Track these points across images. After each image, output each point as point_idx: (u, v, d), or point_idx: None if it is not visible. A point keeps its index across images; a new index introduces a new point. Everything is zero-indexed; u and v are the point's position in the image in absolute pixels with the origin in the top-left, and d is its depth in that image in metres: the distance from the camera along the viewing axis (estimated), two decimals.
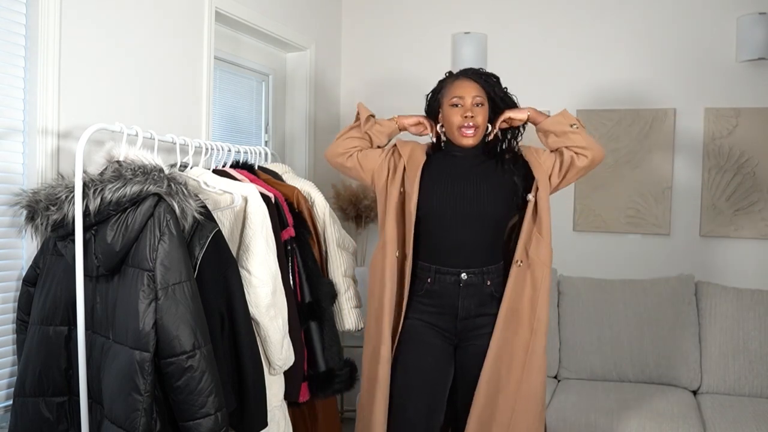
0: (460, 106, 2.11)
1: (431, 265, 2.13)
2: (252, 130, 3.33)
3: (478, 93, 2.11)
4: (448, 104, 2.13)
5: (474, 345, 2.11)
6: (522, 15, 3.60)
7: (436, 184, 2.14)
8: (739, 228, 3.28)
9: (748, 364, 2.94)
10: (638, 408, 2.71)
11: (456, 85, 2.14)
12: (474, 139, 2.12)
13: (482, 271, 2.10)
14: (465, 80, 2.14)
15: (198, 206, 1.75)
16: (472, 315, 2.10)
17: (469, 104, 2.10)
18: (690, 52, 3.35)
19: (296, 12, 3.39)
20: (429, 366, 2.10)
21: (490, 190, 2.12)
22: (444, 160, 2.19)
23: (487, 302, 2.11)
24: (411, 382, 2.09)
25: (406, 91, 3.77)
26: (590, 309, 3.16)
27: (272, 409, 2.04)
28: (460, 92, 2.11)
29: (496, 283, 2.12)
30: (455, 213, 2.10)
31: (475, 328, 2.11)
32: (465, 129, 2.10)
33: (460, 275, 2.09)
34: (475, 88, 2.12)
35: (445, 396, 2.12)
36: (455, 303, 2.10)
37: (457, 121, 2.11)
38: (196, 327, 1.65)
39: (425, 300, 2.14)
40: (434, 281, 2.12)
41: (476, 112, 2.10)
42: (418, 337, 2.12)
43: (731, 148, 3.28)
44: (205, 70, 2.65)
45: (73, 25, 2.04)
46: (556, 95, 3.52)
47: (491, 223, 2.12)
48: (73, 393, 1.80)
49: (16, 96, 1.94)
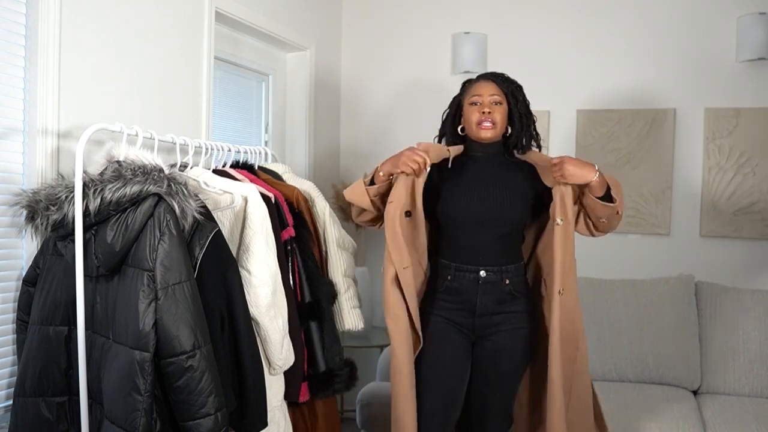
0: (478, 104, 2.16)
1: (451, 262, 2.16)
2: (252, 130, 3.33)
3: (496, 92, 2.17)
4: (468, 104, 2.19)
5: (491, 341, 2.14)
6: (522, 15, 3.60)
7: (455, 185, 2.18)
8: (739, 228, 3.28)
9: (748, 364, 2.94)
10: (638, 408, 2.71)
11: (476, 86, 2.20)
12: (492, 132, 2.15)
13: (501, 270, 2.13)
14: (484, 81, 2.20)
15: (198, 206, 1.75)
16: (490, 312, 2.13)
17: (487, 102, 2.15)
18: (690, 52, 3.35)
19: (296, 12, 3.39)
20: (447, 360, 2.14)
21: (509, 193, 2.15)
22: (465, 163, 2.22)
23: (506, 300, 2.14)
24: (429, 376, 2.13)
25: (406, 91, 3.77)
26: (590, 309, 3.15)
27: (272, 409, 2.04)
28: (479, 91, 2.17)
29: (514, 282, 2.15)
30: (475, 215, 2.13)
31: (493, 325, 2.14)
32: (483, 122, 2.14)
33: (479, 272, 2.12)
34: (493, 87, 2.17)
35: (462, 391, 2.16)
36: (473, 300, 2.13)
37: (475, 118, 2.16)
38: (196, 327, 1.65)
39: (445, 297, 2.17)
40: (454, 278, 2.15)
41: (494, 109, 2.15)
42: (436, 332, 2.15)
43: (731, 148, 3.28)
44: (205, 70, 2.65)
45: (73, 25, 2.04)
46: (556, 95, 3.52)
47: (508, 226, 2.15)
48: (73, 393, 1.80)
49: (16, 96, 1.94)
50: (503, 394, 2.17)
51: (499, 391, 2.16)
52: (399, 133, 3.77)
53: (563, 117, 3.53)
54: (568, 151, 3.52)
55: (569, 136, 3.54)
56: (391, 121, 3.82)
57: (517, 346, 2.14)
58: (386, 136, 3.83)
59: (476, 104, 2.16)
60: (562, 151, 3.52)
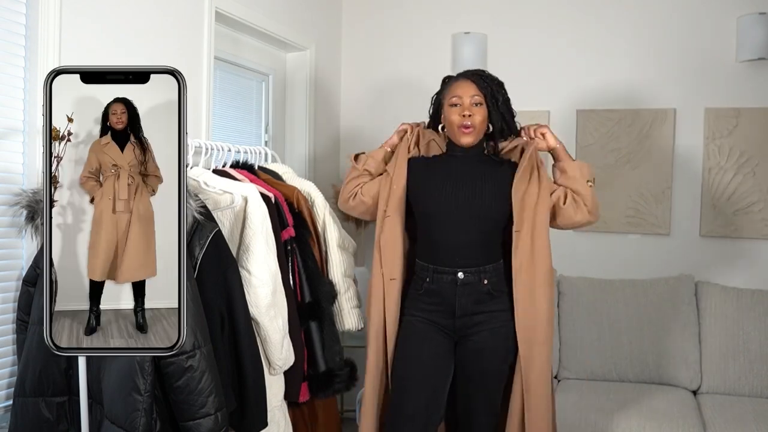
0: (458, 105, 2.15)
1: (429, 264, 2.15)
2: (252, 130, 3.33)
3: (477, 93, 2.15)
4: (448, 104, 2.18)
5: (472, 341, 2.13)
6: (522, 15, 3.60)
7: (435, 184, 2.17)
8: (739, 228, 3.28)
9: (748, 364, 2.94)
10: (638, 408, 2.71)
11: (456, 85, 2.18)
12: (472, 137, 2.15)
13: (479, 270, 2.12)
14: (464, 81, 2.18)
15: (198, 206, 1.75)
16: (470, 312, 2.13)
17: (468, 104, 2.14)
18: (690, 52, 3.35)
19: (296, 12, 3.39)
20: (428, 359, 2.13)
21: (489, 191, 2.14)
22: (444, 161, 2.24)
23: (485, 300, 2.13)
24: (411, 374, 2.12)
25: (406, 91, 3.77)
26: (590, 309, 3.16)
27: (272, 409, 2.04)
28: (459, 92, 2.15)
29: (493, 281, 2.14)
30: (453, 214, 2.13)
31: (474, 325, 2.13)
32: (462, 128, 2.13)
33: (457, 275, 2.12)
34: (473, 88, 2.15)
35: (445, 392, 2.14)
36: (452, 301, 2.13)
37: (456, 120, 2.15)
38: (196, 327, 1.65)
39: (425, 298, 2.16)
40: (432, 280, 2.14)
41: (474, 111, 2.13)
42: (417, 333, 2.15)
43: (731, 148, 3.28)
44: (205, 70, 2.65)
45: (73, 25, 2.04)
46: (556, 95, 3.52)
47: (489, 223, 2.15)
48: (73, 393, 1.80)
49: (16, 96, 1.94)
50: (488, 393, 2.16)
51: (483, 390, 2.15)
52: None
53: (563, 117, 3.53)
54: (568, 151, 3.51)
55: (569, 136, 3.53)
56: (391, 121, 3.80)
57: (498, 345, 2.13)
58: (386, 136, 3.79)
59: (456, 105, 2.15)
60: None
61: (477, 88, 2.15)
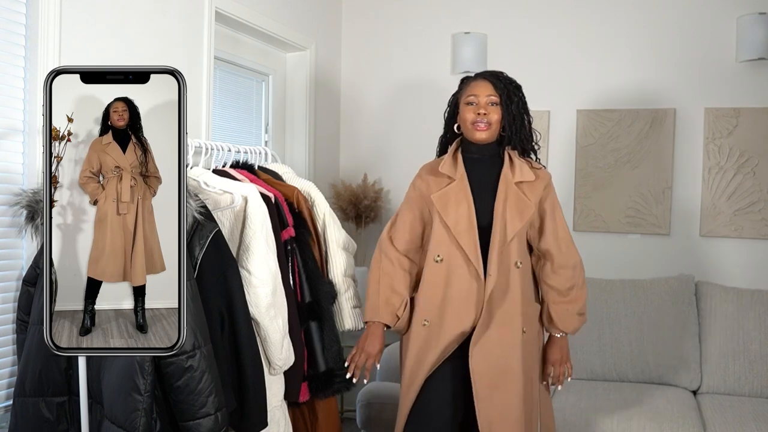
0: (474, 104, 2.15)
1: None
2: (252, 130, 3.34)
3: (493, 93, 2.14)
4: (464, 103, 2.18)
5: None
6: (522, 15, 3.60)
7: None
8: (739, 228, 3.28)
9: (748, 364, 2.94)
10: (638, 408, 2.71)
11: (472, 85, 2.19)
12: (487, 133, 2.14)
13: None
14: (481, 80, 2.18)
15: (198, 206, 1.75)
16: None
17: (483, 102, 2.14)
18: (690, 52, 3.35)
19: (296, 12, 3.39)
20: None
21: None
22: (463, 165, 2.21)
23: None
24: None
25: (406, 91, 3.77)
26: (590, 309, 3.14)
27: (272, 409, 2.04)
28: (476, 91, 2.16)
29: None
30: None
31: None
32: (478, 123, 2.13)
33: None
34: (489, 88, 2.15)
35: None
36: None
37: (470, 118, 2.14)
38: (196, 327, 1.65)
39: None
40: None
41: (490, 110, 2.13)
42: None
43: (731, 148, 3.28)
44: (205, 70, 2.65)
45: (72, 24, 2.04)
46: (557, 95, 3.52)
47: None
48: (73, 393, 1.80)
49: (16, 96, 1.94)
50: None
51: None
52: (399, 133, 3.78)
53: (563, 117, 3.53)
54: (568, 151, 3.52)
55: (569, 136, 3.54)
56: (391, 121, 3.83)
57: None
58: (386, 136, 3.83)
59: (472, 104, 2.15)
60: (562, 152, 3.52)
61: (493, 89, 2.14)
